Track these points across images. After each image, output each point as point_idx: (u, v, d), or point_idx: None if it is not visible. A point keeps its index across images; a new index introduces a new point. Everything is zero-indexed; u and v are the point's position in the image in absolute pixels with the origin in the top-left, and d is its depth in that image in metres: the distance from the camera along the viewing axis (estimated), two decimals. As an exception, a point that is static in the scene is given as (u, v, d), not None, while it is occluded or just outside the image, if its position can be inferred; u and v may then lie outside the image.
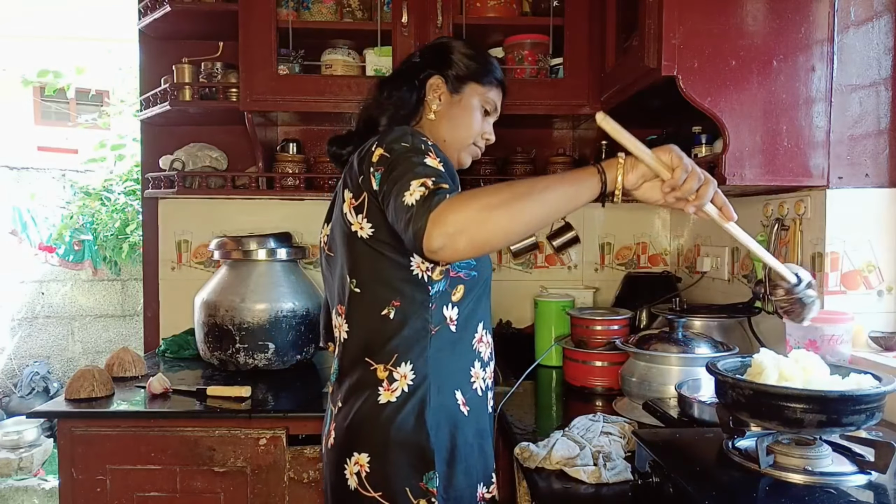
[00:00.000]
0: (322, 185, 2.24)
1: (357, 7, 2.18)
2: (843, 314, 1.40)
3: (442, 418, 1.20)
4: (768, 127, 1.48)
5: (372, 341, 1.22)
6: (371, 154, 1.16)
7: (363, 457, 1.19)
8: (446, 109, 1.34)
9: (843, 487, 0.91)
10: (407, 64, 1.40)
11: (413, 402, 1.19)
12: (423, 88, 1.34)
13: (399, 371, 1.19)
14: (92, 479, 1.66)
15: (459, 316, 1.23)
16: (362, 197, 1.18)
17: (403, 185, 1.05)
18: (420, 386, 1.19)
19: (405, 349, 1.20)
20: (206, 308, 2.07)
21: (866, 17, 1.50)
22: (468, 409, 1.24)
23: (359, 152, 1.21)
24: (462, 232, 0.96)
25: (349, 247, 1.23)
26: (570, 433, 1.32)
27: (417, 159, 1.10)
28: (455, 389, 1.23)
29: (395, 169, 1.09)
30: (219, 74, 2.20)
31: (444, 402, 1.21)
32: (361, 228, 1.20)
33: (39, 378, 4.84)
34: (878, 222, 1.54)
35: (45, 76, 5.49)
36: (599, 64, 2.04)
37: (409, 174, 1.06)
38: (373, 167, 1.14)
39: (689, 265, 2.33)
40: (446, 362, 1.22)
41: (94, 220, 4.97)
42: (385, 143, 1.15)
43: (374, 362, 1.21)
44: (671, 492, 0.96)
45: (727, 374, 1.02)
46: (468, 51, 1.38)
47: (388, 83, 1.37)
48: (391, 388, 1.19)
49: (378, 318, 1.21)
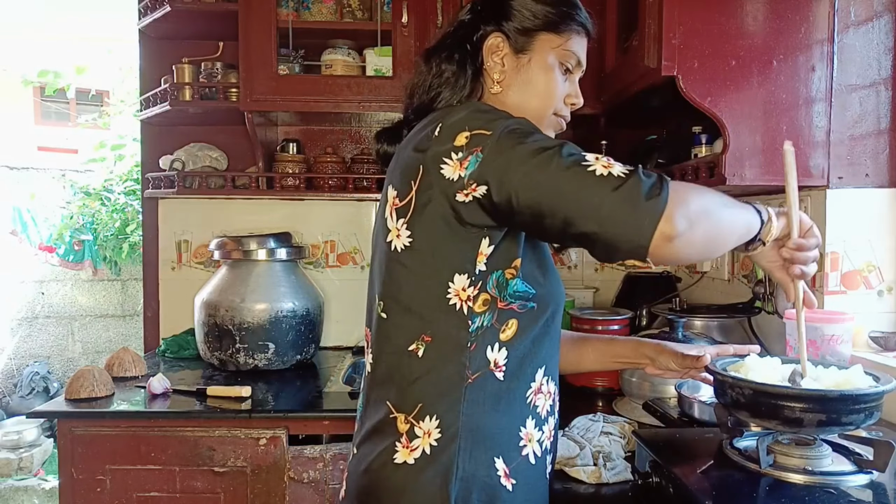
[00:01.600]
0: (322, 185, 2.24)
1: (357, 7, 2.18)
2: (843, 314, 1.40)
3: (474, 493, 0.92)
4: (768, 127, 1.48)
5: (395, 381, 0.97)
6: (451, 139, 0.90)
7: None
8: (513, 76, 1.04)
9: (843, 487, 0.91)
10: (456, 24, 1.08)
11: (435, 468, 0.92)
12: (480, 53, 1.04)
13: (422, 426, 0.93)
14: (92, 479, 1.66)
15: (510, 360, 0.96)
16: (409, 197, 0.94)
17: (570, 156, 0.83)
18: (446, 449, 0.93)
19: (433, 398, 0.94)
20: (207, 308, 2.07)
21: (866, 17, 1.50)
22: (513, 483, 0.94)
23: (413, 141, 0.97)
24: (704, 218, 0.82)
25: (382, 259, 1.00)
26: (570, 433, 1.32)
27: (540, 135, 0.89)
28: (495, 457, 0.94)
29: (525, 141, 0.86)
30: (219, 74, 2.20)
31: (478, 473, 0.93)
32: (398, 237, 0.96)
33: (39, 378, 4.84)
34: (878, 222, 1.53)
35: (45, 76, 5.50)
36: (599, 64, 2.04)
37: (561, 144, 0.85)
38: (458, 152, 0.89)
39: (689, 265, 2.33)
40: (486, 420, 0.94)
41: (94, 220, 4.97)
42: (467, 125, 0.90)
43: (395, 410, 0.96)
44: (671, 492, 0.96)
45: (727, 374, 1.02)
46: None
47: (435, 52, 1.06)
48: (410, 446, 0.93)
49: (404, 354, 0.96)
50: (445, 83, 1.03)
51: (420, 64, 1.08)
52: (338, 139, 2.48)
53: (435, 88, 1.04)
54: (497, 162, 0.87)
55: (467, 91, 1.02)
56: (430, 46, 1.10)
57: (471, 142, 0.89)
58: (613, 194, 0.81)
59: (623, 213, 0.80)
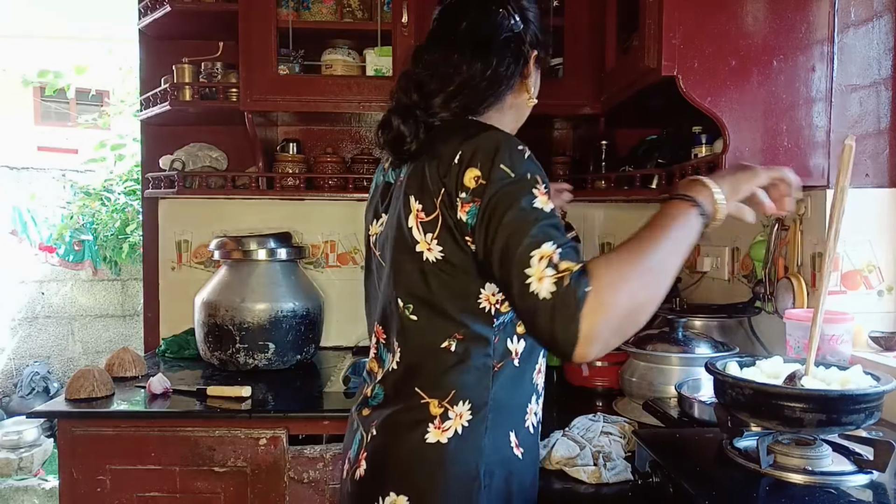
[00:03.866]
0: (322, 185, 2.24)
1: (357, 7, 2.18)
2: (843, 314, 1.40)
3: (496, 465, 1.04)
4: (768, 127, 1.48)
5: (427, 373, 1.05)
6: (461, 174, 0.96)
7: (402, 499, 1.03)
8: (536, 89, 1.19)
9: (844, 487, 0.91)
10: (505, 29, 1.11)
11: (466, 446, 1.02)
12: (526, 69, 1.13)
13: (455, 409, 1.03)
14: (92, 479, 1.66)
15: (525, 348, 1.06)
16: (435, 214, 0.99)
17: (522, 258, 0.88)
18: (476, 429, 1.03)
19: (466, 386, 1.03)
20: (207, 308, 2.07)
21: (866, 17, 1.50)
22: (522, 451, 1.07)
23: (435, 157, 1.01)
24: (616, 334, 0.87)
25: (408, 266, 1.04)
26: (570, 433, 1.32)
27: (526, 202, 0.93)
28: (510, 430, 1.06)
29: (502, 218, 0.92)
30: (219, 74, 2.20)
31: (499, 446, 1.05)
32: (429, 250, 1.01)
33: (39, 378, 4.84)
34: (878, 222, 1.54)
35: (45, 76, 5.50)
36: (599, 64, 2.04)
37: (525, 239, 0.89)
38: (464, 192, 0.96)
39: (689, 265, 2.32)
40: (506, 401, 1.06)
41: (94, 220, 4.97)
42: (479, 163, 0.96)
43: (427, 396, 1.04)
44: (671, 492, 0.96)
45: (726, 374, 1.02)
46: (535, 9, 1.17)
47: (484, 52, 1.09)
48: (443, 427, 1.03)
49: (437, 350, 1.04)
50: (494, 85, 1.09)
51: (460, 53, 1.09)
52: (338, 139, 2.48)
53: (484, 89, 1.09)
54: (481, 229, 0.94)
55: (501, 98, 1.11)
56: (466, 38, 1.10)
57: (476, 189, 0.95)
58: (544, 315, 0.86)
59: (548, 335, 0.87)
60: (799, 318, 1.39)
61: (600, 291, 0.84)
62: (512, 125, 1.17)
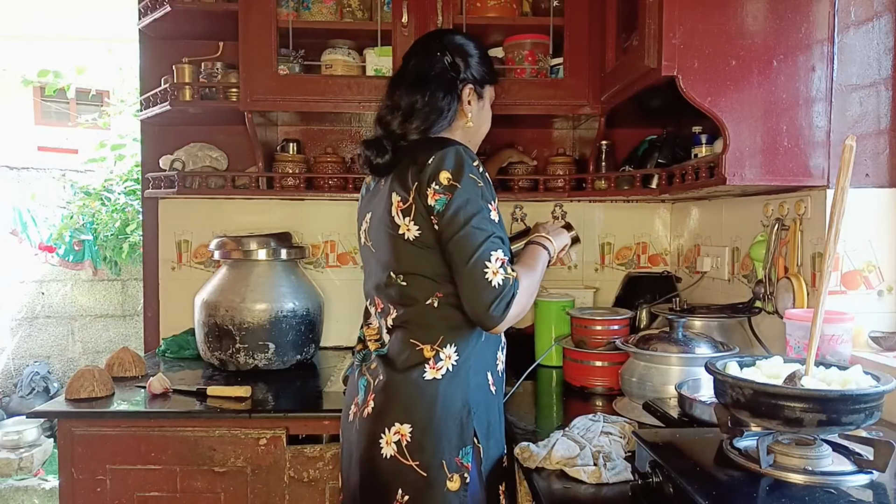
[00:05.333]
0: (322, 185, 2.24)
1: (357, 7, 2.18)
2: (843, 314, 1.40)
3: (480, 398, 1.34)
4: (768, 127, 1.48)
5: (419, 326, 1.33)
6: (437, 174, 1.27)
7: (405, 427, 1.29)
8: (476, 114, 1.47)
9: (844, 487, 0.91)
10: (434, 67, 1.43)
11: (457, 381, 1.31)
12: (460, 99, 1.43)
13: (444, 352, 1.31)
14: (92, 479, 1.66)
15: None
16: (410, 202, 1.29)
17: (484, 253, 1.24)
18: (462, 367, 1.32)
19: (450, 333, 1.32)
20: (207, 308, 2.07)
21: (866, 16, 1.50)
22: (495, 389, 1.39)
23: (414, 162, 1.30)
24: (515, 319, 1.28)
25: (394, 245, 1.34)
26: (570, 433, 1.32)
27: (486, 212, 1.28)
28: (487, 371, 1.38)
29: (471, 220, 1.25)
30: (219, 74, 2.20)
31: (481, 383, 1.35)
32: (408, 230, 1.31)
33: (39, 378, 4.84)
34: (878, 222, 1.54)
35: (45, 76, 5.49)
36: (599, 64, 2.04)
37: (487, 242, 1.25)
38: (438, 185, 1.27)
39: (689, 265, 2.33)
40: (483, 347, 1.36)
41: (94, 220, 4.97)
42: (451, 167, 1.27)
43: (421, 343, 1.32)
44: (671, 492, 0.96)
45: (726, 374, 1.02)
46: (481, 52, 1.49)
47: (417, 87, 1.40)
48: (437, 367, 1.31)
49: (424, 307, 1.33)
50: (435, 112, 1.39)
51: (402, 91, 1.41)
52: (338, 139, 2.48)
53: (427, 114, 1.39)
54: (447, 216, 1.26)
55: (449, 122, 1.42)
56: (411, 79, 1.42)
57: (448, 186, 1.27)
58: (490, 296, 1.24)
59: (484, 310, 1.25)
60: (799, 318, 1.39)
61: (521, 294, 1.27)
62: (476, 135, 1.50)
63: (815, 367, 1.02)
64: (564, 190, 2.25)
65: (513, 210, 2.47)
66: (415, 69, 1.43)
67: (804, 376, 1.00)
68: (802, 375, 1.00)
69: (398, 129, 1.39)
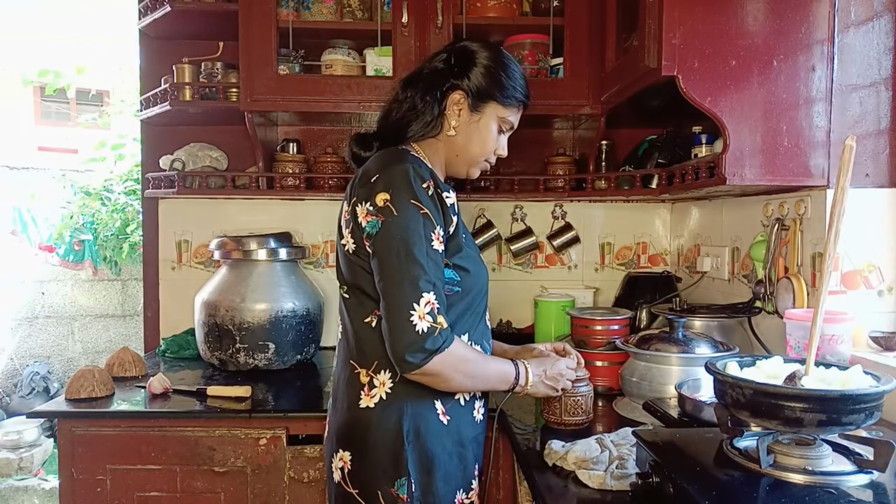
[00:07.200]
0: (322, 185, 2.24)
1: (357, 7, 2.18)
2: (843, 314, 1.40)
3: (421, 427, 1.24)
4: (768, 127, 1.48)
5: (358, 345, 1.27)
6: (373, 194, 1.19)
7: (346, 454, 1.27)
8: (464, 126, 1.33)
9: (844, 487, 0.91)
10: (431, 67, 1.34)
11: (390, 410, 1.23)
12: (445, 102, 1.31)
13: (378, 378, 1.24)
14: (92, 479, 1.66)
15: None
16: (350, 215, 1.25)
17: (414, 294, 1.15)
18: (398, 395, 1.23)
19: (384, 358, 1.22)
20: (207, 308, 2.07)
21: (866, 16, 1.50)
22: (448, 419, 1.27)
23: (362, 174, 1.25)
24: (432, 381, 1.19)
25: (340, 254, 1.31)
26: (604, 437, 1.29)
27: (422, 246, 1.17)
28: (435, 399, 1.26)
29: (401, 251, 1.16)
30: (219, 74, 2.20)
31: (423, 412, 1.25)
32: (348, 242, 1.26)
33: (39, 378, 4.84)
34: (878, 222, 1.54)
35: (45, 76, 5.49)
36: (599, 64, 2.04)
37: (417, 279, 1.15)
38: (372, 206, 1.19)
39: (689, 265, 2.33)
40: None
41: (94, 220, 4.97)
42: (391, 189, 1.18)
43: (358, 366, 1.27)
44: (671, 492, 0.96)
45: (726, 374, 1.02)
46: (493, 64, 1.32)
47: (410, 85, 1.34)
48: (370, 395, 1.24)
49: (363, 325, 1.26)
50: (415, 116, 1.31)
51: (398, 89, 1.35)
52: (338, 139, 2.48)
53: (407, 116, 1.32)
54: (380, 244, 1.18)
55: (430, 127, 1.32)
56: (408, 76, 1.37)
57: (381, 208, 1.18)
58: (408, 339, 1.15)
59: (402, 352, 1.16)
60: (799, 318, 1.39)
61: (447, 358, 1.17)
62: (448, 155, 1.36)
63: (815, 367, 1.02)
64: (564, 190, 2.25)
65: (513, 210, 2.48)
66: (418, 67, 1.38)
67: (804, 376, 1.00)
68: (802, 375, 1.00)
69: (378, 125, 1.36)
